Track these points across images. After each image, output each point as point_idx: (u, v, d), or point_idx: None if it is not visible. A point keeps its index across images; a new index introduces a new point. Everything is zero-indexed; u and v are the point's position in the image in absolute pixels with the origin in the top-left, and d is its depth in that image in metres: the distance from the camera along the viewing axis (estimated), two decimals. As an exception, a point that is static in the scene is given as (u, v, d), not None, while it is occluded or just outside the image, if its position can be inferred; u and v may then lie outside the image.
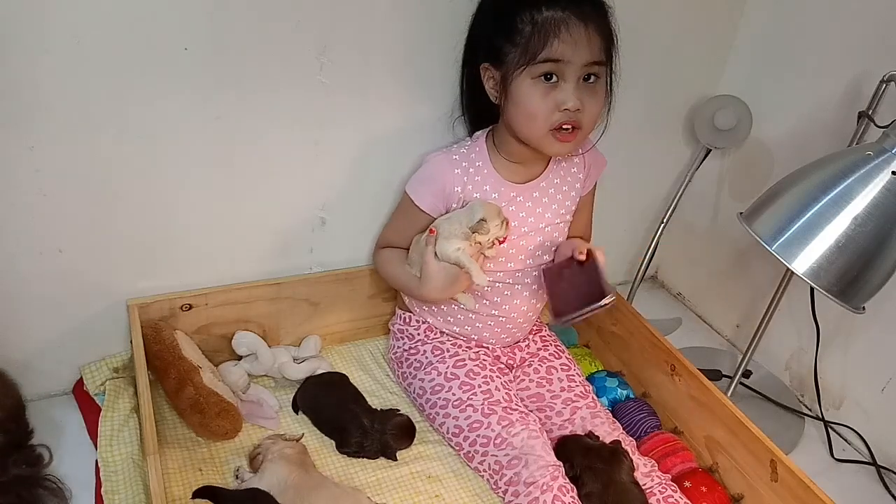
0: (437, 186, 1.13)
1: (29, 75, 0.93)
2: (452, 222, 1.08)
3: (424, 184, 1.14)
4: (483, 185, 1.13)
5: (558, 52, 0.99)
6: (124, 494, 1.01)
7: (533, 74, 1.02)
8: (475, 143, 1.15)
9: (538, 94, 1.02)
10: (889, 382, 1.26)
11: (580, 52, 1.00)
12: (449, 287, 1.09)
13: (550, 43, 0.99)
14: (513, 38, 1.02)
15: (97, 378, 1.16)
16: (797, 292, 1.29)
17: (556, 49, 0.99)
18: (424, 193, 1.14)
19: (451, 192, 1.13)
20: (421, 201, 1.14)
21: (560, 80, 1.02)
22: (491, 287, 1.16)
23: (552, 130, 1.04)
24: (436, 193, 1.13)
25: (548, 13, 0.99)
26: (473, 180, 1.13)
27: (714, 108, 1.35)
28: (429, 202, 1.14)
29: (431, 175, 1.14)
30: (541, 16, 0.99)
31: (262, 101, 1.07)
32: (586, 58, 1.01)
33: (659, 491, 1.06)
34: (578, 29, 0.99)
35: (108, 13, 0.92)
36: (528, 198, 1.15)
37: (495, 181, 1.13)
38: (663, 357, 1.23)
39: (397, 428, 1.12)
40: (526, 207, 1.15)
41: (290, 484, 0.99)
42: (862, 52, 1.21)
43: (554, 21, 0.99)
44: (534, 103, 1.03)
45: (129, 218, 1.09)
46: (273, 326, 1.25)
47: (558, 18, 0.99)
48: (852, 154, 0.99)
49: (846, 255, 0.96)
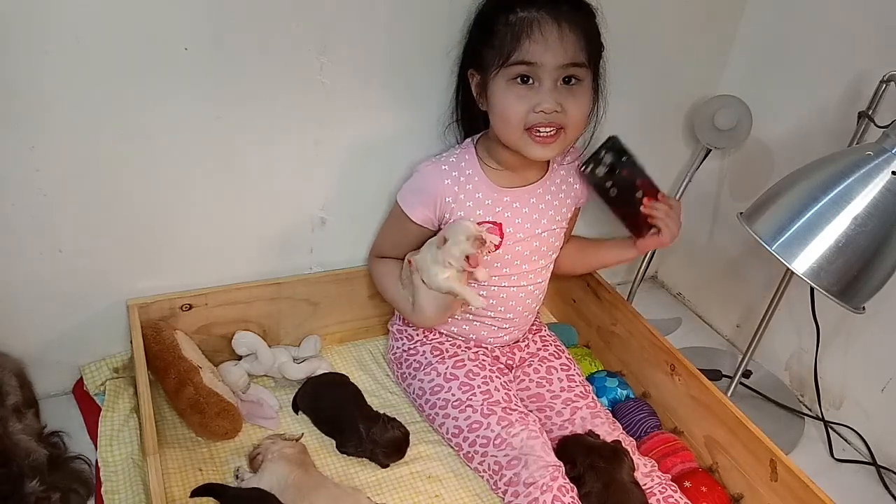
0: (429, 198, 1.12)
1: (29, 75, 0.93)
2: (429, 250, 1.07)
3: (416, 195, 1.14)
4: (475, 192, 1.12)
5: (530, 54, 0.98)
6: (124, 494, 1.01)
7: (508, 76, 1.01)
8: (464, 151, 1.15)
9: (513, 95, 1.02)
10: (889, 382, 1.26)
11: (553, 53, 0.99)
12: (442, 314, 1.10)
13: (522, 44, 0.98)
14: (490, 42, 1.01)
15: (97, 378, 1.16)
16: (797, 292, 1.29)
17: (527, 50, 0.98)
18: (415, 205, 1.13)
19: (443, 203, 1.12)
20: (413, 213, 1.13)
21: (536, 81, 1.01)
22: (488, 291, 1.16)
23: (528, 132, 1.04)
24: (427, 205, 1.13)
25: (522, 13, 0.98)
26: (465, 189, 1.12)
27: (714, 108, 1.35)
28: (421, 214, 1.13)
29: (422, 187, 1.13)
30: (515, 16, 0.98)
31: (261, 101, 1.07)
32: (561, 59, 0.99)
33: (659, 491, 1.06)
34: (551, 29, 0.98)
35: (109, 13, 0.92)
36: (524, 203, 1.15)
37: (487, 188, 1.13)
38: (663, 357, 1.23)
39: (390, 445, 1.10)
40: (522, 213, 1.15)
41: (291, 483, 0.99)
42: (862, 52, 1.21)
43: (527, 21, 0.98)
44: (508, 105, 1.02)
45: (129, 218, 1.09)
46: (273, 326, 1.25)
47: (531, 19, 0.98)
48: (852, 154, 0.99)
49: (846, 255, 0.96)
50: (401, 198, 1.15)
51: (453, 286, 1.05)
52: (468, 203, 1.12)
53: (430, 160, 1.16)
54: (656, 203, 1.16)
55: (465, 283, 1.07)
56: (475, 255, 1.04)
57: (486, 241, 1.03)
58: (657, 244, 1.20)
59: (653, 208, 1.16)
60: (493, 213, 1.13)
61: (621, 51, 1.13)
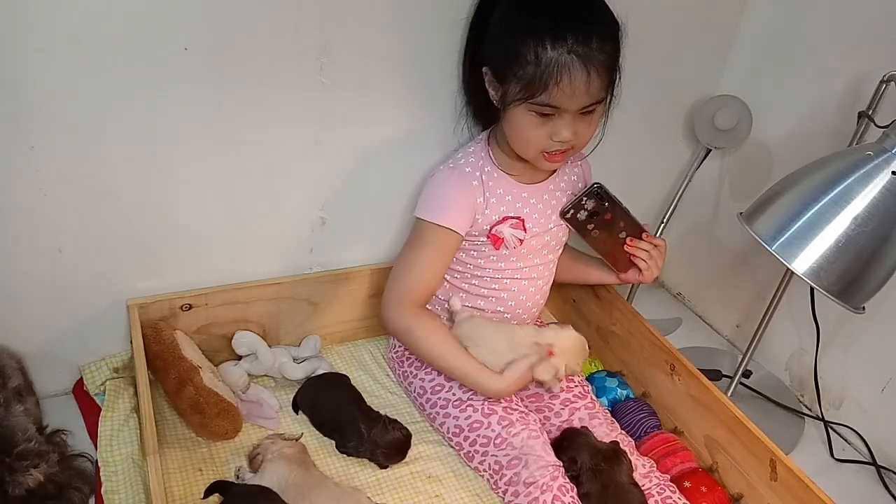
0: (464, 203, 1.10)
1: (29, 75, 0.93)
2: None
3: (447, 204, 1.10)
4: (496, 188, 1.12)
5: (557, 100, 0.98)
6: (124, 494, 1.01)
7: (529, 108, 1.01)
8: (479, 150, 1.14)
9: (534, 123, 1.02)
10: (889, 382, 1.26)
11: (578, 99, 0.99)
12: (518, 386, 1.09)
13: (551, 90, 0.97)
14: (514, 69, 0.99)
15: (97, 378, 1.16)
16: (797, 292, 1.29)
17: (555, 96, 0.98)
18: (450, 213, 1.10)
19: (475, 205, 1.11)
20: (450, 222, 1.09)
21: (556, 116, 1.01)
22: (500, 284, 1.18)
23: (542, 152, 1.06)
24: (462, 210, 1.10)
25: (552, 53, 0.95)
26: (488, 186, 1.12)
27: (714, 108, 1.35)
28: (457, 219, 1.10)
29: (451, 194, 1.11)
30: (545, 55, 0.96)
31: (262, 102, 1.07)
32: (584, 103, 1.00)
33: (657, 492, 1.06)
34: (579, 77, 0.96)
35: (108, 13, 0.92)
36: (539, 199, 1.16)
37: (507, 184, 1.13)
38: (663, 357, 1.23)
39: (391, 447, 1.10)
40: (538, 209, 1.16)
41: (291, 483, 0.99)
42: (862, 52, 1.21)
43: (557, 66, 0.96)
44: (529, 132, 1.04)
45: (129, 218, 1.09)
46: (273, 326, 1.25)
47: (562, 64, 0.95)
48: (852, 154, 0.99)
49: (846, 255, 0.96)
50: (429, 214, 1.10)
51: (552, 384, 1.11)
52: (493, 200, 1.12)
53: (445, 167, 1.14)
54: (641, 242, 1.17)
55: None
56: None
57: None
58: (637, 281, 1.22)
59: (637, 248, 1.16)
60: (514, 208, 1.14)
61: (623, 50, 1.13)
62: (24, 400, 1.04)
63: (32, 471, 0.92)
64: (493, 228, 1.13)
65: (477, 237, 1.15)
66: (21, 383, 1.05)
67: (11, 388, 1.02)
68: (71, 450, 1.06)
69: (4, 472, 0.91)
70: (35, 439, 0.96)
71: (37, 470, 0.92)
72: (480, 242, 1.15)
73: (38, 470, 0.92)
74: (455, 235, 1.11)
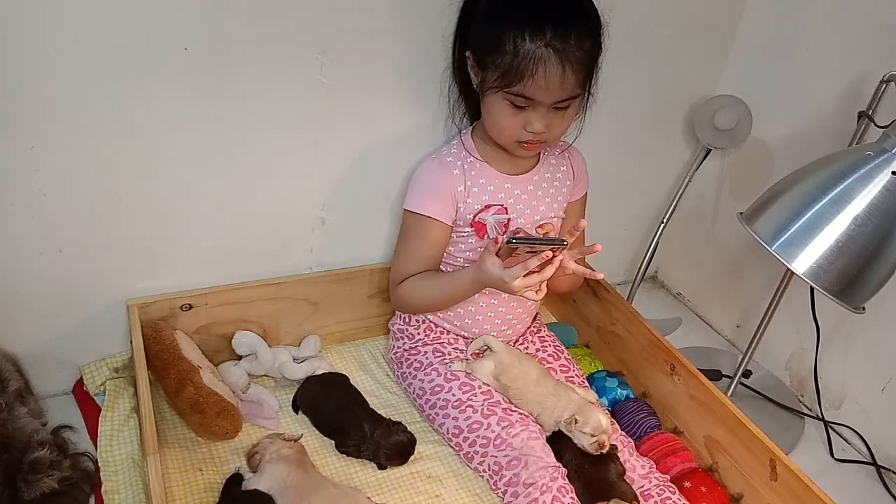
0: (442, 192, 1.13)
1: (29, 76, 0.93)
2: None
3: (427, 194, 1.14)
4: (479, 178, 1.14)
5: (530, 90, 1.00)
6: (124, 494, 1.01)
7: (505, 96, 1.02)
8: (461, 142, 1.16)
9: (508, 112, 1.04)
10: (889, 382, 1.26)
11: (552, 93, 1.00)
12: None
13: (525, 82, 0.98)
14: (493, 56, 1.00)
15: (97, 378, 1.16)
16: (797, 292, 1.29)
17: (529, 88, 0.99)
18: (431, 202, 1.13)
19: (455, 194, 1.13)
20: (432, 211, 1.13)
21: (530, 107, 1.02)
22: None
23: (516, 141, 1.07)
24: (443, 199, 1.13)
25: (530, 45, 0.96)
26: (470, 176, 1.13)
27: (714, 108, 1.35)
28: (439, 209, 1.13)
29: (432, 184, 1.14)
30: (523, 46, 0.97)
31: (262, 101, 1.07)
32: (557, 97, 1.01)
33: (657, 493, 1.06)
34: (554, 71, 0.97)
35: (109, 13, 0.92)
36: (523, 190, 1.16)
37: (489, 174, 1.14)
38: (663, 357, 1.23)
39: (394, 449, 1.10)
40: (522, 199, 1.16)
41: (290, 484, 0.99)
42: (862, 52, 1.21)
43: (533, 59, 0.97)
44: (503, 120, 1.05)
45: (129, 218, 1.09)
46: (273, 326, 1.25)
47: (538, 57, 0.96)
48: (852, 154, 0.99)
49: (846, 255, 0.96)
50: (412, 204, 1.15)
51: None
52: (474, 189, 1.13)
53: (428, 159, 1.17)
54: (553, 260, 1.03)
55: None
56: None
57: (604, 446, 1.05)
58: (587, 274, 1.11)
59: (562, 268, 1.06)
60: (496, 198, 1.15)
61: (621, 51, 1.13)
62: (26, 401, 1.04)
63: (47, 479, 0.92)
64: (476, 217, 1.14)
65: (463, 227, 1.16)
66: (21, 385, 1.05)
67: (12, 390, 1.02)
68: (74, 447, 1.05)
69: (17, 477, 0.91)
70: (47, 444, 0.95)
71: (51, 479, 0.92)
72: (467, 233, 1.16)
73: (52, 479, 0.93)
74: (438, 223, 1.14)
